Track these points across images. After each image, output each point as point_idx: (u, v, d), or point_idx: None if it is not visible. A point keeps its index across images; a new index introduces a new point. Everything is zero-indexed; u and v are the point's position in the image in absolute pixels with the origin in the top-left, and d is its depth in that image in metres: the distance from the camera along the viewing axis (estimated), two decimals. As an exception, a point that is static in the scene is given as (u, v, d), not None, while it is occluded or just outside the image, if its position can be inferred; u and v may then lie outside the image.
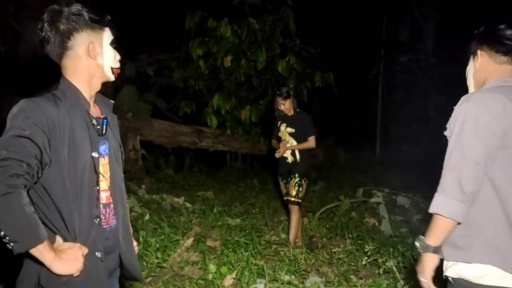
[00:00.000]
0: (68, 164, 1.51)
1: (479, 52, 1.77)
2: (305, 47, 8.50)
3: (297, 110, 4.53)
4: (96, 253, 1.58)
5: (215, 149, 8.82)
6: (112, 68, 1.69)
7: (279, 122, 4.58)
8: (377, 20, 11.44)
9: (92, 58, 1.62)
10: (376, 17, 11.40)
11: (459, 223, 1.60)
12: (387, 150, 11.35)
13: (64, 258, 1.44)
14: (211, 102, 8.02)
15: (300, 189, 4.38)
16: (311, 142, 4.41)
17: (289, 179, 4.43)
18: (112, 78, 1.71)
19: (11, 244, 1.31)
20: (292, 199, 4.40)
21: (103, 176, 1.67)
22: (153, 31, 10.60)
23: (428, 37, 11.36)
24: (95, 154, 1.60)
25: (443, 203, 1.59)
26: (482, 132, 1.55)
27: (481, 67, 1.76)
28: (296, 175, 4.39)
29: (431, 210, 1.62)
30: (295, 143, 4.44)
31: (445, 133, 1.70)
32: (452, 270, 1.65)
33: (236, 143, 8.81)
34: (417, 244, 1.68)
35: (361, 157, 11.03)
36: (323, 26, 11.60)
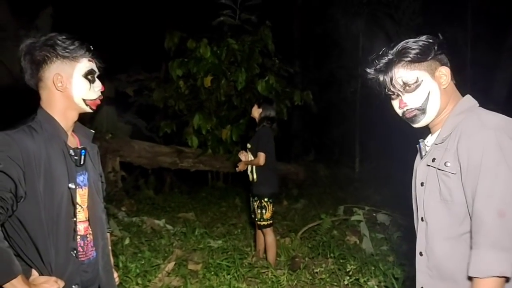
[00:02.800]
0: (44, 196, 1.50)
1: (444, 70, 1.52)
2: (284, 66, 8.61)
3: (263, 125, 4.40)
4: (73, 286, 1.58)
5: (196, 169, 8.77)
6: (84, 100, 1.65)
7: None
8: (354, 39, 11.68)
9: (59, 90, 1.60)
10: (353, 36, 11.65)
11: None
12: (366, 166, 11.48)
13: None
14: (192, 122, 8.00)
15: (264, 211, 4.26)
16: (258, 158, 4.23)
17: (252, 201, 4.38)
18: (87, 109, 1.69)
19: None
20: (258, 222, 4.36)
21: (81, 207, 1.66)
22: (132, 50, 10.60)
23: (403, 54, 11.64)
24: (72, 185, 1.60)
25: (504, 261, 1.26)
26: None
27: (447, 87, 1.53)
28: (256, 197, 4.31)
29: (485, 273, 1.27)
30: (252, 158, 4.37)
31: (447, 168, 1.43)
32: None
33: (218, 163, 8.79)
34: None
35: (341, 174, 11.13)
36: (301, 45, 11.80)
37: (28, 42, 1.59)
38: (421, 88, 1.50)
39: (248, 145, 4.49)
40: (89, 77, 1.65)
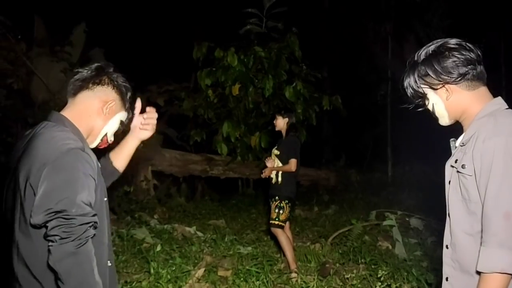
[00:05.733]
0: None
1: (447, 86, 1.57)
2: (311, 72, 8.59)
3: (291, 134, 4.63)
4: None
5: (226, 177, 8.84)
6: (105, 134, 1.72)
7: (277, 144, 4.79)
8: (383, 42, 11.53)
9: (99, 114, 1.66)
10: (382, 39, 11.50)
11: None
12: (399, 170, 11.25)
13: None
14: (221, 130, 8.08)
15: (281, 211, 4.43)
16: (290, 164, 4.46)
17: (271, 202, 4.52)
18: (96, 143, 1.72)
19: None
20: (271, 221, 4.46)
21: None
22: (162, 62, 10.84)
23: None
24: (105, 198, 1.64)
25: (507, 259, 1.35)
26: None
27: (456, 99, 1.58)
28: (277, 197, 4.48)
29: (490, 269, 1.37)
30: (280, 164, 4.56)
31: (464, 171, 1.51)
32: None
33: (247, 170, 8.84)
34: None
35: (373, 178, 10.95)
36: (329, 50, 11.73)
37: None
38: (427, 100, 1.66)
39: (277, 152, 4.65)
40: (120, 125, 1.77)
